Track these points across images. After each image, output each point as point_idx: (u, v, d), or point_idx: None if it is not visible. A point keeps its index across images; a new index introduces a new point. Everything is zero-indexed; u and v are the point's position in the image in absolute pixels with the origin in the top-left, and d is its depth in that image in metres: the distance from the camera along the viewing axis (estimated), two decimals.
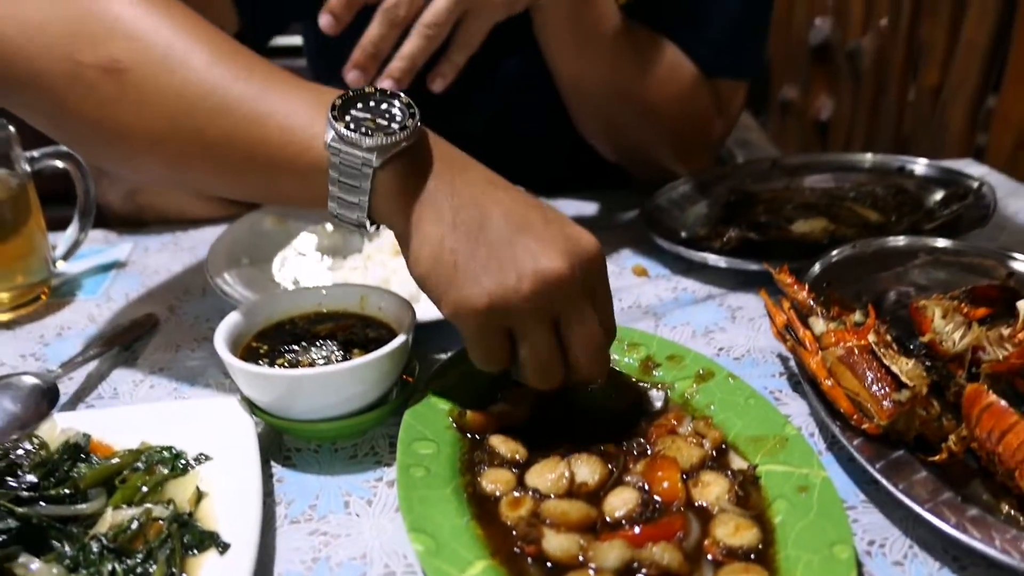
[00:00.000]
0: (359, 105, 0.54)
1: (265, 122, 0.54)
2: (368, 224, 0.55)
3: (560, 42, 0.84)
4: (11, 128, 0.78)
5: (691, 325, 0.75)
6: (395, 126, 0.53)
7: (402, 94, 0.56)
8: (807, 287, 0.66)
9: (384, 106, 0.55)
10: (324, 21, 0.72)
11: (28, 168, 0.80)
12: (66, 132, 0.63)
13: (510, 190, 0.56)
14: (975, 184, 0.92)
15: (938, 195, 0.94)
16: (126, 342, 0.73)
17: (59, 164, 0.83)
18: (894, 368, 0.55)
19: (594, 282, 0.55)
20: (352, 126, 0.52)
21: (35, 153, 0.81)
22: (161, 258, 0.91)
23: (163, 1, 0.61)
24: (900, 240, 0.79)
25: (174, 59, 0.57)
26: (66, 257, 0.86)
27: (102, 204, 0.96)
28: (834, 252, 0.77)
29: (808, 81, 1.89)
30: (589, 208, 1.01)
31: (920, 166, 1.01)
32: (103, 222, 0.99)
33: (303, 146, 0.53)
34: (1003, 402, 0.51)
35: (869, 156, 1.04)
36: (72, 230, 0.86)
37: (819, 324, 0.62)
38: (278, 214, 0.90)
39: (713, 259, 0.81)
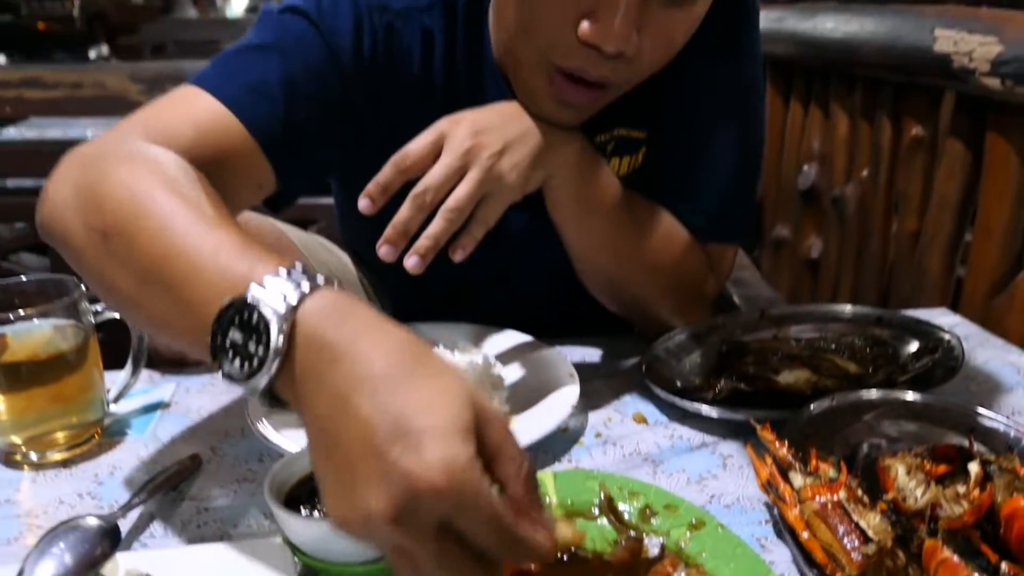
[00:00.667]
0: (241, 317, 0.57)
1: (192, 310, 0.61)
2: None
3: (567, 212, 0.95)
4: (82, 287, 0.88)
5: (686, 472, 0.82)
6: (260, 352, 0.55)
7: (286, 303, 0.55)
8: (787, 443, 0.74)
9: (261, 325, 0.55)
10: (363, 204, 0.83)
11: (92, 320, 0.90)
12: (86, 280, 0.75)
13: (376, 392, 0.50)
14: (946, 337, 1.02)
15: (912, 347, 1.03)
16: (174, 484, 0.81)
17: (117, 315, 0.93)
18: (862, 523, 0.63)
19: (446, 512, 0.47)
20: (228, 349, 0.58)
21: (98, 307, 0.91)
22: (202, 399, 1.00)
23: (167, 169, 0.73)
24: (873, 394, 0.87)
25: (145, 228, 0.66)
26: (118, 399, 0.95)
27: (150, 347, 1.05)
28: (813, 405, 0.85)
29: (799, 221, 2.02)
30: (592, 355, 1.10)
31: (896, 317, 1.10)
32: (148, 362, 1.07)
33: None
34: (956, 557, 0.59)
35: (848, 308, 1.14)
36: (124, 374, 0.95)
37: (798, 479, 0.70)
38: None
39: (706, 409, 0.89)
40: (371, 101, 0.95)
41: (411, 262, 0.81)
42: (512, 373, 0.98)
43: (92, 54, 9.68)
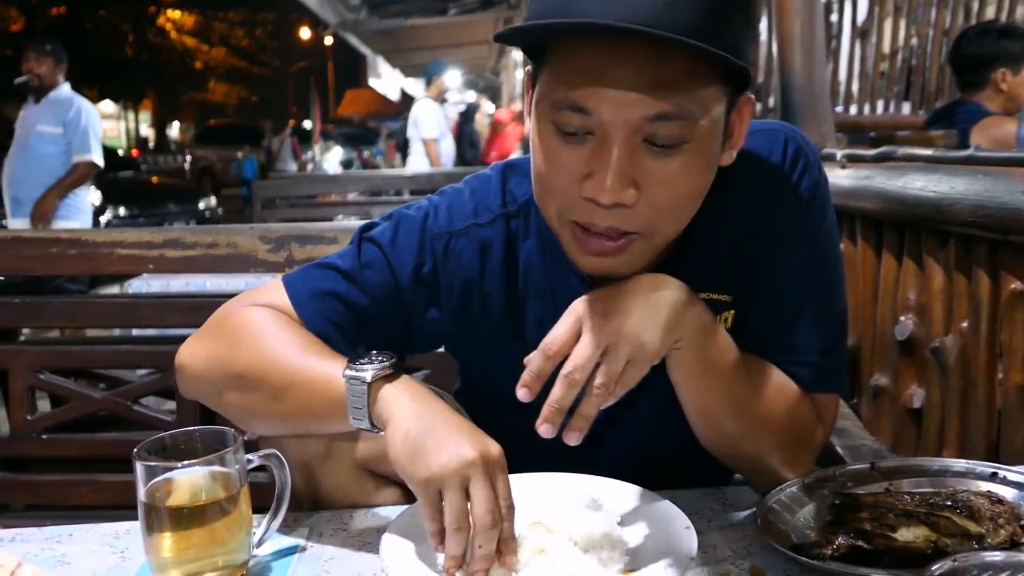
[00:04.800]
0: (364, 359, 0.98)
1: (317, 389, 1.01)
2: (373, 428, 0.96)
3: (689, 371, 1.03)
4: (240, 439, 0.97)
5: None
6: (382, 363, 0.97)
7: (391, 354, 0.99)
8: None
9: (380, 357, 0.98)
10: (522, 394, 0.92)
11: (246, 469, 0.98)
12: (224, 412, 1.10)
13: (447, 411, 0.95)
14: None
15: None
16: None
17: (265, 463, 1.01)
18: None
19: (493, 469, 0.89)
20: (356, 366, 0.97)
21: (251, 457, 1.00)
22: (335, 541, 1.06)
23: (273, 313, 1.10)
24: (997, 555, 0.87)
25: (274, 365, 1.04)
26: (260, 543, 1.02)
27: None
28: (936, 566, 0.86)
29: (898, 370, 2.02)
30: (709, 502, 1.13)
31: (1013, 473, 1.10)
32: None
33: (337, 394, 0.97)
34: None
35: (962, 462, 1.14)
36: (267, 519, 1.03)
37: None
38: None
39: (828, 566, 0.90)
40: (430, 303, 1.15)
41: (571, 439, 0.91)
42: (629, 525, 1.01)
43: (201, 204, 10.42)
